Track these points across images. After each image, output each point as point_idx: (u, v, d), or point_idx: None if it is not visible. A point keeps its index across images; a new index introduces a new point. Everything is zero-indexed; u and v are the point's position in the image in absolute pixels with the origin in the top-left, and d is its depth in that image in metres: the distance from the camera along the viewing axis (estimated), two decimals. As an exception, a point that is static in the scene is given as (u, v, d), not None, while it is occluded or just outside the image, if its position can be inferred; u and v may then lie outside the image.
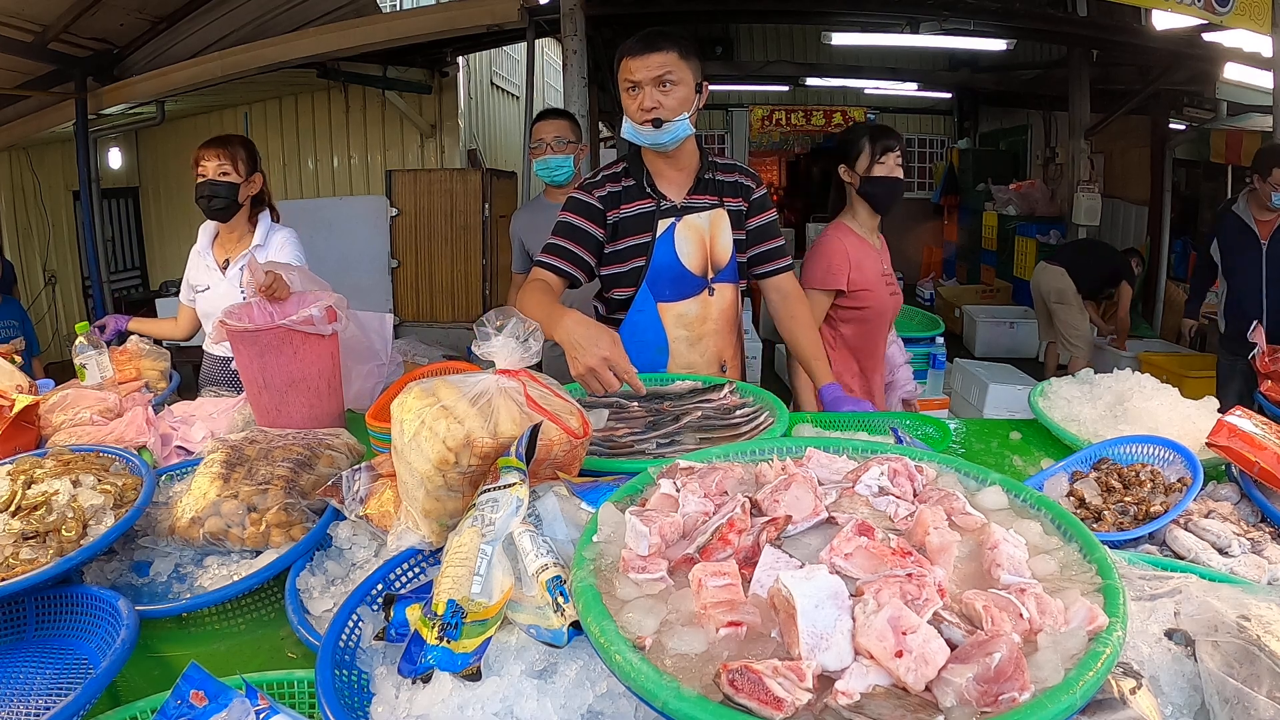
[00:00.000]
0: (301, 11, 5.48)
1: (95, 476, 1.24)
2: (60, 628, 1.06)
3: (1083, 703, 0.61)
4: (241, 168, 2.39)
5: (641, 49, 1.79)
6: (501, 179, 6.78)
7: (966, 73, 9.34)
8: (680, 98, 1.80)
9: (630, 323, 1.93)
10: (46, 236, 7.24)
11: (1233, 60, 5.40)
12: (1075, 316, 5.72)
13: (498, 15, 5.09)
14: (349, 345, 1.91)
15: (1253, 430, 1.33)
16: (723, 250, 1.94)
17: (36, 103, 5.77)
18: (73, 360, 1.97)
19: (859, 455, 1.05)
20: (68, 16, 4.70)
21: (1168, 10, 4.22)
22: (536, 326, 1.10)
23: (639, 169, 1.92)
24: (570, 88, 4.44)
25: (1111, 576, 0.75)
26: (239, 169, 2.38)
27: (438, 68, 7.02)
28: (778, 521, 0.82)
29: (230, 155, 2.37)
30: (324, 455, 1.39)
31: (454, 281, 6.71)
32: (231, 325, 1.68)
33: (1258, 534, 1.21)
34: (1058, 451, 1.63)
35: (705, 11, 7.34)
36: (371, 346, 1.98)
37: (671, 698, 0.62)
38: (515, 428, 1.00)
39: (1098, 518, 1.27)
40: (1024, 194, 8.57)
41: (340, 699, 0.81)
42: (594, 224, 1.89)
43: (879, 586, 0.69)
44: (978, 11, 6.09)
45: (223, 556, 1.22)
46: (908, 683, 0.63)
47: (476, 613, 0.81)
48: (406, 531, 1.06)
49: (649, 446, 1.38)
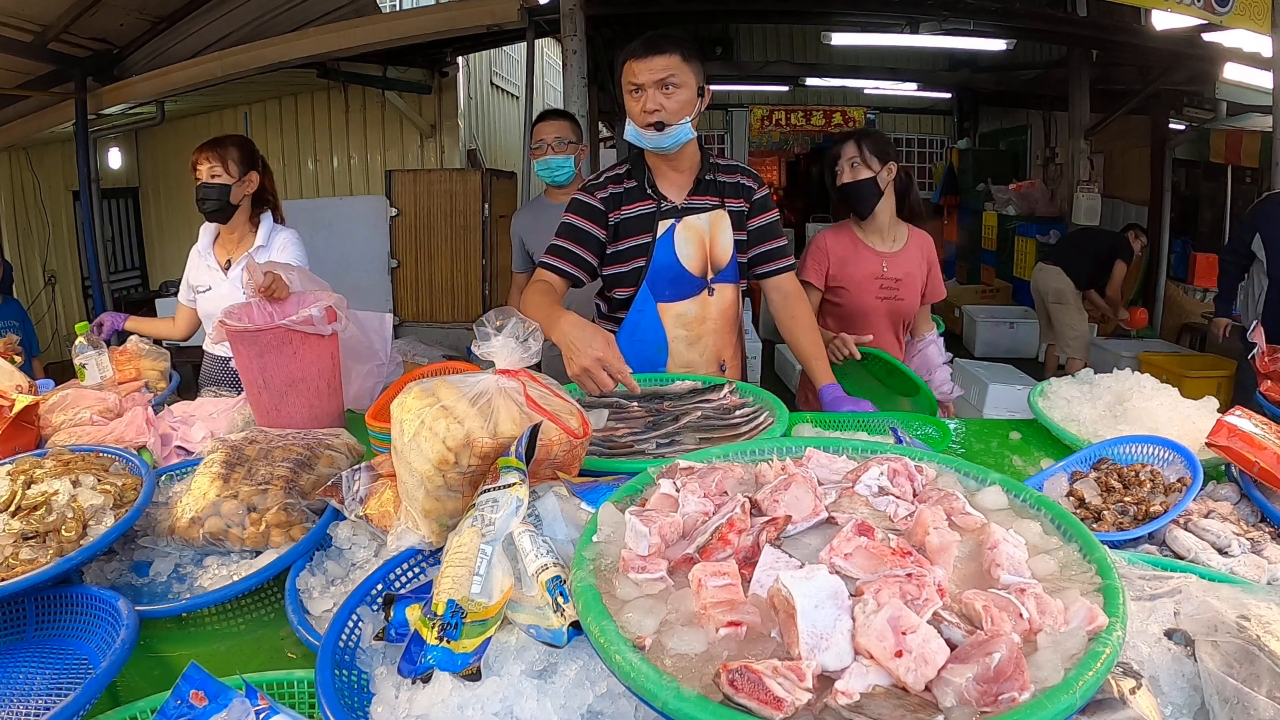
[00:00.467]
0: (301, 11, 5.48)
1: (95, 476, 1.24)
2: (60, 628, 1.06)
3: (1082, 703, 0.61)
4: (234, 168, 2.37)
5: (645, 51, 1.80)
6: (501, 179, 6.77)
7: (966, 73, 9.35)
8: (682, 101, 1.81)
9: (630, 322, 1.94)
10: (46, 236, 7.24)
11: (1233, 60, 5.40)
12: (1073, 317, 5.70)
13: (498, 15, 5.09)
14: (349, 345, 1.91)
15: (1252, 430, 1.33)
16: (722, 251, 1.95)
17: (36, 103, 5.78)
18: (73, 360, 1.98)
19: (859, 455, 1.05)
20: (68, 16, 4.70)
21: (1168, 10, 4.22)
22: (536, 327, 1.11)
23: (640, 171, 1.93)
24: (570, 88, 4.44)
25: (1111, 576, 0.75)
26: (230, 169, 2.37)
27: (438, 68, 7.02)
28: (777, 521, 0.82)
29: (220, 156, 2.36)
30: (324, 455, 1.39)
31: (454, 281, 6.71)
32: (231, 325, 1.68)
33: (1257, 534, 1.21)
34: (1058, 451, 1.63)
35: (705, 11, 7.35)
36: (371, 346, 1.98)
37: (671, 698, 0.62)
38: (515, 428, 1.00)
39: (1097, 518, 1.27)
40: (1024, 194, 8.57)
41: (340, 699, 0.81)
42: (596, 225, 1.92)
43: (879, 586, 0.69)
44: (978, 11, 6.09)
45: (223, 556, 1.22)
46: (907, 683, 0.63)
47: (476, 613, 0.81)
48: (406, 531, 1.06)
49: (649, 446, 1.38)
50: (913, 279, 2.42)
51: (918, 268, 2.44)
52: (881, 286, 2.37)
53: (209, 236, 2.52)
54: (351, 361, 1.92)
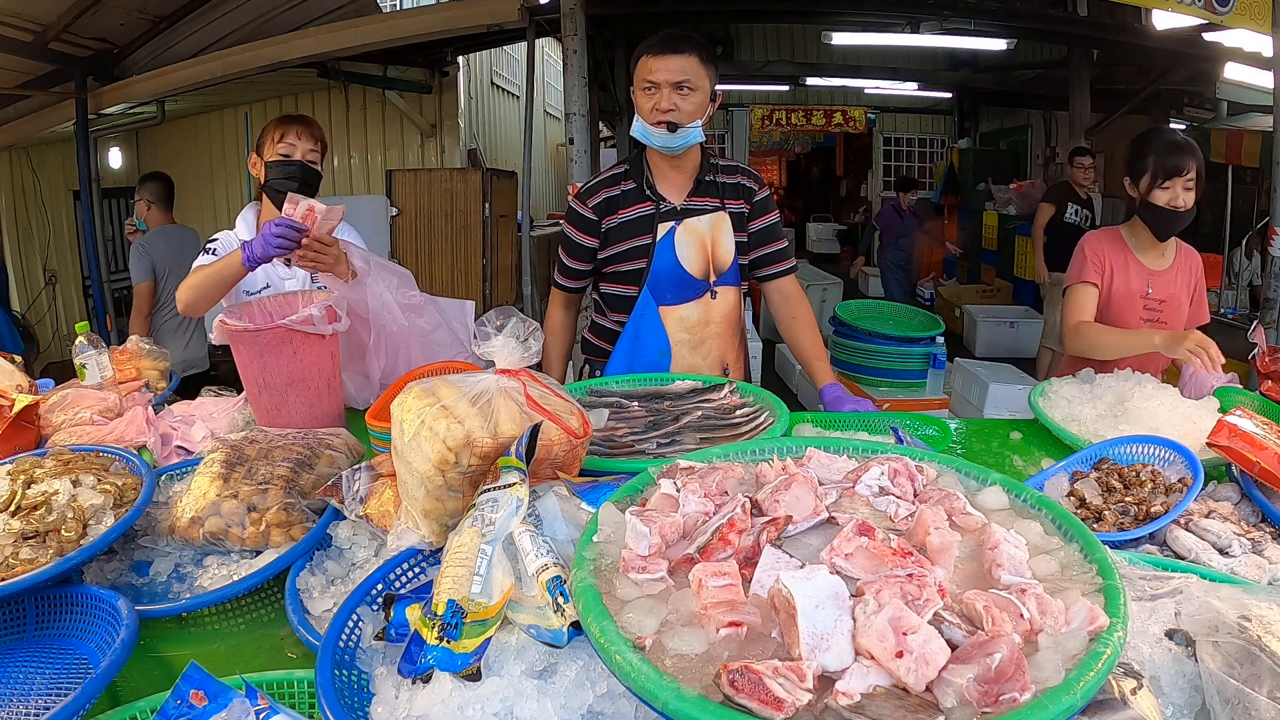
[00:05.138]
0: (301, 11, 5.48)
1: (95, 476, 1.24)
2: (60, 628, 1.06)
3: (1083, 703, 0.61)
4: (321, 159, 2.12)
5: (664, 49, 1.78)
6: (502, 179, 6.77)
7: (967, 73, 9.36)
8: (697, 103, 1.81)
9: (632, 327, 1.94)
10: (46, 236, 7.24)
11: (1233, 60, 5.40)
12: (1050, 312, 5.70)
13: (498, 15, 5.09)
14: (433, 338, 1.91)
15: (1253, 430, 1.33)
16: (725, 253, 1.94)
17: (36, 103, 5.77)
18: (73, 360, 1.97)
19: (859, 455, 1.05)
20: (68, 16, 4.70)
21: (1168, 10, 4.21)
22: (536, 327, 1.11)
23: (639, 170, 1.92)
24: (570, 88, 4.43)
25: (1112, 577, 0.75)
26: (321, 159, 2.11)
27: (438, 67, 7.02)
28: (778, 521, 0.82)
29: (317, 139, 2.08)
30: (324, 455, 1.39)
31: (454, 281, 6.70)
32: (231, 325, 1.68)
33: (1258, 534, 1.20)
34: (1058, 451, 1.63)
35: (705, 11, 7.35)
36: (456, 337, 1.95)
37: (672, 698, 0.62)
38: (515, 428, 1.00)
39: (1098, 518, 1.27)
40: (1024, 194, 8.55)
41: (340, 699, 0.81)
42: (588, 235, 1.96)
43: (879, 587, 0.69)
44: (978, 11, 6.09)
45: (223, 556, 1.22)
46: (908, 683, 0.63)
47: (476, 613, 0.81)
48: (406, 531, 1.06)
49: (649, 446, 1.38)
50: (1179, 304, 2.10)
51: (1184, 291, 2.12)
52: (1145, 308, 2.08)
53: (251, 220, 2.22)
54: (438, 353, 1.91)
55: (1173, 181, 1.95)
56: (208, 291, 1.86)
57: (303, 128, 2.06)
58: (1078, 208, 5.46)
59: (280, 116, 2.11)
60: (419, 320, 1.92)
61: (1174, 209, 1.97)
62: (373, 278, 1.85)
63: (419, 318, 1.92)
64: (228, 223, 2.33)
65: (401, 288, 1.91)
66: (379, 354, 1.90)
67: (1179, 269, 2.13)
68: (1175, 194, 1.96)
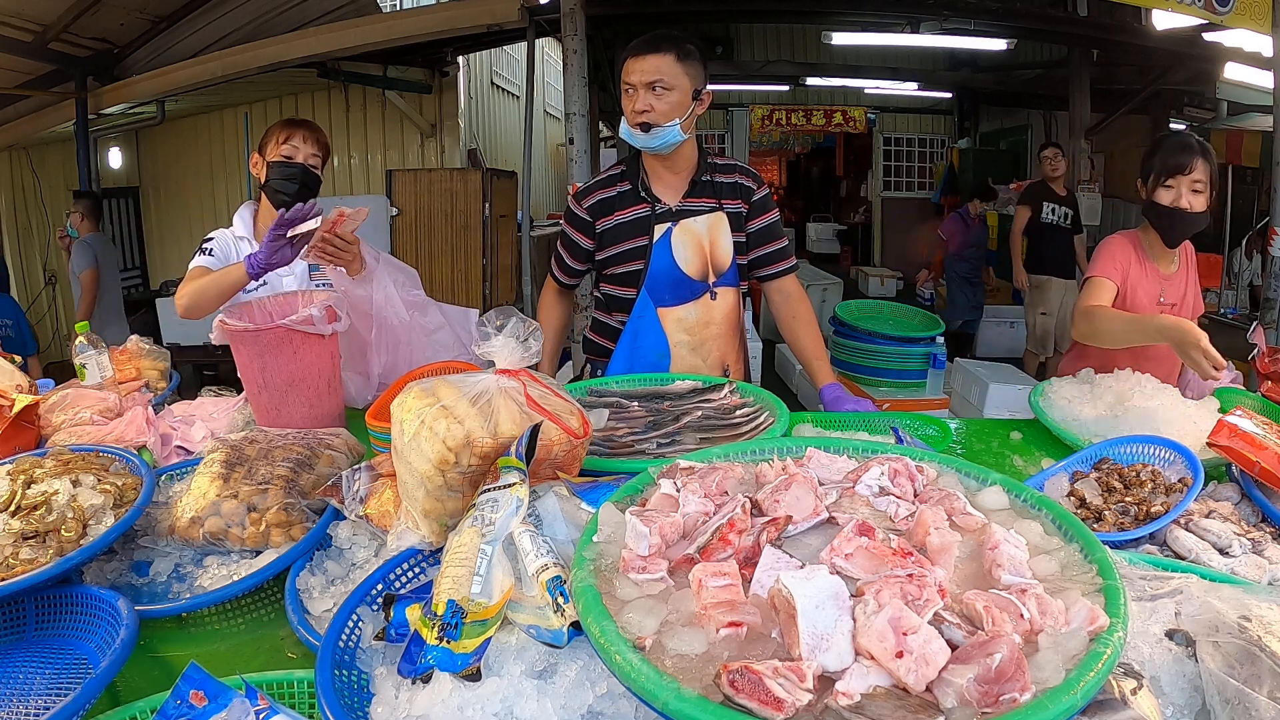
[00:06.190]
0: (301, 11, 5.48)
1: (95, 476, 1.24)
2: (60, 628, 1.06)
3: (1083, 703, 0.61)
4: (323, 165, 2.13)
5: (640, 50, 1.81)
6: (502, 179, 6.77)
7: (967, 72, 9.35)
8: (672, 103, 1.80)
9: (630, 329, 1.94)
10: (46, 236, 7.24)
11: (1233, 60, 5.40)
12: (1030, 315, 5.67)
13: (498, 15, 5.09)
14: (434, 338, 1.96)
15: (1253, 430, 1.33)
16: (723, 254, 1.94)
17: (36, 103, 5.78)
18: (73, 360, 1.97)
19: (859, 455, 1.05)
20: (68, 16, 4.70)
21: (1168, 10, 4.21)
22: (536, 327, 1.11)
23: (636, 172, 1.92)
24: (570, 88, 4.43)
25: (1112, 577, 0.75)
26: (323, 165, 2.11)
27: (438, 67, 7.02)
28: (778, 521, 0.82)
29: (320, 144, 2.08)
30: (324, 455, 1.39)
31: (454, 281, 6.70)
32: (231, 325, 1.68)
33: (1258, 534, 1.20)
34: (1058, 451, 1.63)
35: (705, 11, 7.34)
36: (458, 339, 2.02)
37: (672, 698, 0.62)
38: (515, 428, 1.00)
39: (1098, 518, 1.27)
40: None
41: (340, 699, 0.81)
42: (583, 235, 1.99)
43: (879, 587, 0.69)
44: (978, 11, 6.09)
45: (223, 556, 1.22)
46: (908, 683, 0.63)
47: (476, 613, 0.81)
48: (406, 531, 1.06)
49: (649, 446, 1.38)
50: (1187, 305, 2.09)
51: (1191, 291, 2.12)
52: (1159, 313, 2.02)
53: (248, 217, 2.19)
54: (440, 353, 1.96)
55: (1176, 180, 1.92)
56: (209, 299, 1.87)
57: (308, 132, 2.08)
58: (1055, 206, 5.32)
59: (286, 119, 2.13)
60: (422, 318, 1.96)
61: (1177, 209, 1.93)
62: (380, 272, 1.90)
63: (422, 315, 1.97)
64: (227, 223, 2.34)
65: (407, 285, 1.97)
66: (380, 349, 1.93)
67: (1185, 268, 2.13)
68: (1179, 194, 1.92)
